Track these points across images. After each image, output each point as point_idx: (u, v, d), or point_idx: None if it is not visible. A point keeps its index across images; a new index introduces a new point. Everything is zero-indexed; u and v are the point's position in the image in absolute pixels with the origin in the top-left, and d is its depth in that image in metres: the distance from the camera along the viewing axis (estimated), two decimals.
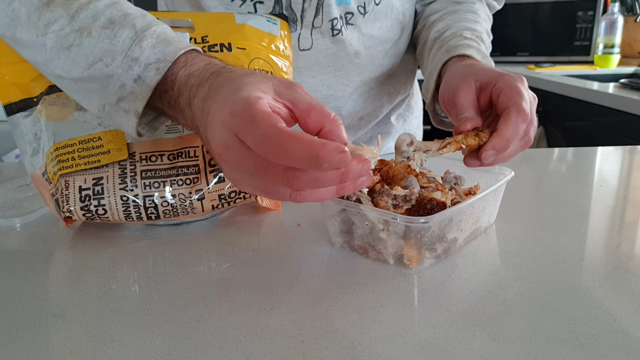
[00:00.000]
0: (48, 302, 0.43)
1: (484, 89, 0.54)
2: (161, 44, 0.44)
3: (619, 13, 2.29)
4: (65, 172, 0.53)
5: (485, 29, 0.73)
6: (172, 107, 0.44)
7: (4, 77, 0.55)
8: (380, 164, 0.52)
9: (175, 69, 0.44)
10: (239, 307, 0.41)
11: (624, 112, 1.57)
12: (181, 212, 0.55)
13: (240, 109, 0.35)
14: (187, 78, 0.43)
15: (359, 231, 0.48)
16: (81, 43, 0.45)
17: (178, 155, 0.54)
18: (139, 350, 0.36)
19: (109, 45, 0.44)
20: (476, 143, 0.49)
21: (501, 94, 0.51)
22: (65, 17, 0.45)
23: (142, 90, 0.44)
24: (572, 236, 0.53)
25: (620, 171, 0.77)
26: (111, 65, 0.44)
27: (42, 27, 0.46)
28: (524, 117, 0.49)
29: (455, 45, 0.65)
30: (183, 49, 0.44)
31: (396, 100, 0.86)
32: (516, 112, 0.49)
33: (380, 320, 0.39)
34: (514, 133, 0.48)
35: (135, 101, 0.44)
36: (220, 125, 0.36)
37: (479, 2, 0.77)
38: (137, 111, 0.44)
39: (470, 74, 0.55)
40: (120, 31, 0.44)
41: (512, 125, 0.48)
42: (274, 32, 0.61)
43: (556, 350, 0.35)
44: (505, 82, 0.51)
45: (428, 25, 0.76)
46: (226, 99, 0.37)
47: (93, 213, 0.53)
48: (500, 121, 0.49)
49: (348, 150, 0.32)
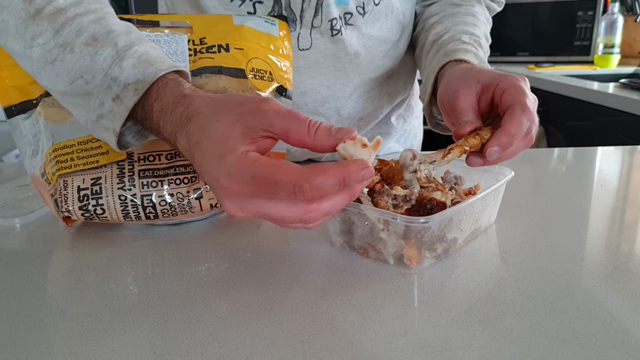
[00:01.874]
0: (48, 302, 0.43)
1: (486, 90, 0.53)
2: (142, 64, 0.44)
3: (619, 13, 2.30)
4: (64, 172, 0.53)
5: (483, 32, 0.72)
6: (157, 133, 0.45)
7: (4, 79, 0.56)
8: (380, 164, 0.52)
9: (150, 99, 0.44)
10: (239, 307, 0.41)
11: (623, 112, 1.57)
12: (180, 212, 0.55)
13: (247, 177, 0.36)
14: (161, 115, 0.43)
15: (359, 231, 0.48)
16: (64, 58, 0.45)
17: (176, 154, 0.54)
18: (139, 350, 0.36)
19: (90, 62, 0.44)
20: (478, 142, 0.49)
21: (505, 92, 0.51)
22: (50, 31, 0.45)
23: (120, 110, 0.44)
24: (572, 236, 0.53)
25: (620, 171, 0.77)
26: (91, 83, 0.44)
27: (29, 40, 0.46)
28: (528, 115, 0.48)
29: (453, 50, 0.65)
30: (164, 70, 0.44)
31: (396, 101, 0.86)
32: (521, 109, 0.48)
33: (380, 320, 0.39)
34: (519, 129, 0.48)
35: (113, 120, 0.44)
36: (222, 193, 0.38)
37: (478, 4, 0.77)
38: (115, 130, 0.45)
39: (471, 77, 0.55)
40: (102, 49, 0.44)
41: (517, 122, 0.48)
42: (272, 32, 0.61)
43: (556, 350, 0.35)
44: (509, 81, 0.51)
45: (427, 28, 0.76)
46: (217, 168, 0.37)
47: (92, 213, 0.53)
48: (505, 118, 0.49)
49: (369, 163, 0.37)
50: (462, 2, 0.77)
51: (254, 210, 0.38)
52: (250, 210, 0.38)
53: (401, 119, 0.90)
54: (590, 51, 2.46)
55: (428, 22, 0.76)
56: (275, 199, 0.37)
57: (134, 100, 0.43)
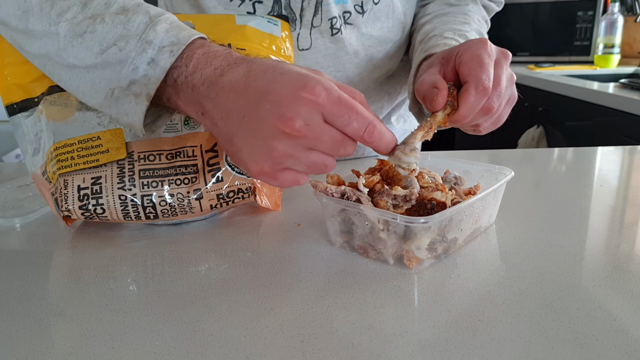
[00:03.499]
0: (48, 302, 0.43)
1: (448, 62, 0.52)
2: (175, 29, 0.45)
3: (619, 13, 2.30)
4: (65, 171, 0.53)
5: (475, 29, 0.71)
6: (179, 85, 0.44)
7: (6, 77, 0.56)
8: (380, 164, 0.52)
9: (192, 47, 0.45)
10: (239, 307, 0.41)
11: (623, 112, 1.57)
12: (179, 212, 0.55)
13: (334, 98, 0.40)
14: (207, 57, 0.44)
15: (359, 231, 0.48)
16: (94, 29, 0.45)
17: (176, 154, 0.54)
18: (139, 350, 0.36)
19: (122, 30, 0.45)
20: (447, 113, 0.49)
21: (462, 65, 0.50)
22: (77, 5, 0.46)
23: (156, 72, 0.44)
24: (572, 236, 0.53)
25: (620, 171, 0.77)
26: (125, 50, 0.44)
27: (55, 17, 0.46)
28: (483, 92, 0.48)
29: (432, 45, 0.64)
30: (196, 35, 0.45)
31: (396, 101, 0.86)
32: (474, 87, 0.48)
33: (380, 320, 0.39)
34: (470, 110, 0.48)
35: (147, 84, 0.44)
36: (306, 104, 0.39)
37: (473, 3, 0.76)
38: (150, 94, 0.45)
39: (435, 57, 0.55)
40: (134, 17, 0.45)
41: (468, 103, 0.48)
42: (275, 33, 0.61)
43: (556, 350, 0.35)
44: (466, 49, 0.50)
45: (417, 28, 0.76)
46: (298, 79, 0.40)
47: (92, 212, 0.53)
48: (459, 97, 0.49)
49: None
50: (457, 2, 0.76)
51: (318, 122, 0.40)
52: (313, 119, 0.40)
53: (401, 119, 0.90)
54: (590, 51, 2.46)
55: (419, 22, 0.76)
56: (347, 126, 0.40)
57: (170, 62, 0.44)
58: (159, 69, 0.44)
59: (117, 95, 0.45)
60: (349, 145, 0.42)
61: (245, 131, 0.41)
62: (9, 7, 0.49)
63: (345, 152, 0.42)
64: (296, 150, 0.41)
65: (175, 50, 0.44)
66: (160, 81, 0.44)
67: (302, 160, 0.41)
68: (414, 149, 0.46)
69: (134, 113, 0.45)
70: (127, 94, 0.45)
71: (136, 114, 0.45)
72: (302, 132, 0.39)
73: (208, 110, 0.43)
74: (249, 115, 0.41)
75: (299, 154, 0.41)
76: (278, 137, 0.40)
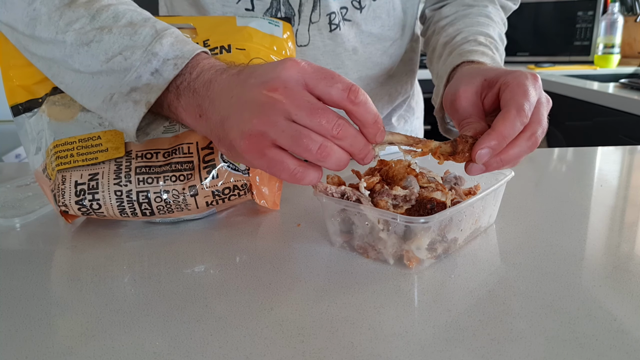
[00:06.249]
0: (48, 302, 0.43)
1: (491, 87, 0.50)
2: (180, 42, 0.47)
3: (619, 13, 2.30)
4: (63, 167, 0.54)
5: (498, 34, 0.69)
6: (181, 90, 0.46)
7: (12, 79, 0.57)
8: (380, 164, 0.52)
9: (198, 58, 0.46)
10: (239, 307, 0.41)
11: (623, 112, 1.57)
12: (175, 209, 0.55)
13: (316, 67, 0.40)
14: (212, 64, 0.46)
15: (359, 231, 0.48)
16: (101, 39, 0.47)
17: (173, 152, 0.55)
18: (139, 350, 0.36)
19: (129, 41, 0.46)
20: (442, 152, 0.47)
21: (507, 89, 0.48)
22: (86, 17, 0.48)
23: (159, 82, 0.45)
24: (572, 236, 0.53)
25: (620, 171, 0.77)
26: (130, 59, 0.46)
27: (63, 26, 0.48)
28: (522, 117, 0.45)
29: (469, 50, 0.62)
30: (200, 49, 0.47)
31: (397, 101, 0.86)
32: (516, 109, 0.45)
33: (380, 320, 0.39)
34: (509, 131, 0.45)
35: (149, 92, 0.46)
36: (288, 68, 0.40)
37: (492, 5, 0.75)
38: (149, 101, 0.46)
39: (477, 74, 0.52)
40: (141, 29, 0.47)
41: (509, 123, 0.45)
42: (276, 34, 0.61)
43: (556, 350, 0.35)
44: (514, 77, 0.48)
45: (437, 31, 0.74)
46: (285, 60, 0.40)
47: (88, 207, 0.54)
48: (497, 118, 0.46)
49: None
50: (475, 2, 0.74)
51: (308, 99, 0.40)
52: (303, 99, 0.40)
53: (402, 119, 0.90)
54: (590, 51, 2.46)
55: (439, 24, 0.74)
56: (330, 89, 0.40)
57: (173, 74, 0.45)
58: (162, 79, 0.45)
59: (115, 100, 0.47)
60: (329, 114, 0.39)
61: (234, 109, 0.41)
62: (17, 13, 0.49)
63: (326, 127, 0.39)
64: (278, 117, 0.39)
65: (179, 64, 0.45)
66: (162, 90, 0.45)
67: (285, 130, 0.39)
68: (384, 143, 0.45)
69: (129, 119, 0.47)
70: (126, 99, 0.46)
71: (132, 120, 0.47)
72: (281, 93, 0.39)
73: (205, 109, 0.44)
74: (237, 95, 0.41)
75: (281, 121, 0.39)
76: (261, 104, 0.40)
